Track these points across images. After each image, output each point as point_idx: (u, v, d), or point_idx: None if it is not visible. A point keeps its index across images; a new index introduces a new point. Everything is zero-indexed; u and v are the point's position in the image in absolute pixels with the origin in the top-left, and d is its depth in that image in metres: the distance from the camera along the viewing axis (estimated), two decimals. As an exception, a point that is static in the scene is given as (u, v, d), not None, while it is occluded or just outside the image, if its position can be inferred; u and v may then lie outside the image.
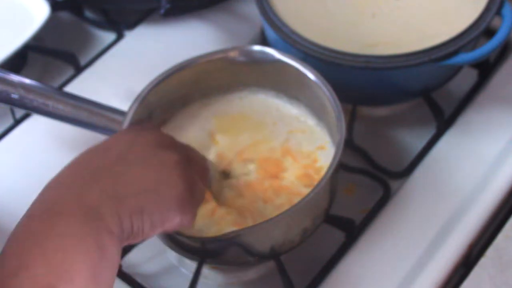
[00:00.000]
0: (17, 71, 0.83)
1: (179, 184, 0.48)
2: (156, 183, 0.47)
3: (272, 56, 0.66)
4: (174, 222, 0.48)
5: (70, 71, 0.82)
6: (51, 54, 0.84)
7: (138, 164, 0.47)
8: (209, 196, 0.60)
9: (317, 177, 0.63)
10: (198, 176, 0.52)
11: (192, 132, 0.68)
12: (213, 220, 0.60)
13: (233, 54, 0.67)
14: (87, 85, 0.79)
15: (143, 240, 0.48)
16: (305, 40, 0.68)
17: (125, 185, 0.46)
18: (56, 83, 0.81)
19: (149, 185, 0.47)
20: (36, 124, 0.76)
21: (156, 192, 0.47)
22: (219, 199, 0.61)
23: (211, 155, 0.65)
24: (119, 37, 0.86)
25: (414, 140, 0.73)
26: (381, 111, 0.77)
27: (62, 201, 0.44)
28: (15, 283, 0.39)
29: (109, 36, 0.86)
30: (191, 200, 0.49)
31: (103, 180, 0.45)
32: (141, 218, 0.45)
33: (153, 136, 0.51)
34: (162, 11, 0.83)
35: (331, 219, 0.64)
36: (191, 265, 0.64)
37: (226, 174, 0.64)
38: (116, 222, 0.44)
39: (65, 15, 0.89)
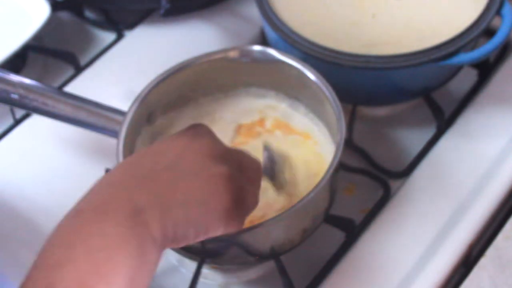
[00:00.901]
0: (17, 71, 0.83)
1: (226, 197, 0.48)
2: (204, 195, 0.47)
3: (272, 56, 0.66)
4: (218, 231, 0.49)
5: (70, 71, 0.82)
6: (51, 54, 0.84)
7: (188, 174, 0.47)
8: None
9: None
10: (250, 183, 0.52)
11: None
12: None
13: (233, 54, 0.67)
14: (87, 85, 0.79)
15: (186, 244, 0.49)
16: (305, 40, 0.68)
17: (173, 193, 0.46)
18: (56, 83, 0.81)
19: (197, 197, 0.46)
20: (36, 124, 0.76)
21: (203, 204, 0.47)
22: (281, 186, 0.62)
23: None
24: (119, 37, 0.86)
25: (414, 140, 0.73)
26: (381, 111, 0.77)
27: (111, 201, 0.44)
28: (58, 275, 0.40)
29: (109, 36, 0.86)
30: (239, 210, 0.49)
31: (152, 185, 0.46)
32: (186, 228, 0.46)
33: (206, 145, 0.50)
34: (162, 11, 0.83)
35: (331, 219, 0.64)
36: (191, 265, 0.64)
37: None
38: (160, 229, 0.44)
39: (65, 15, 0.89)
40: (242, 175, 0.50)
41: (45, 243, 0.43)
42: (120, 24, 0.87)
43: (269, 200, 0.62)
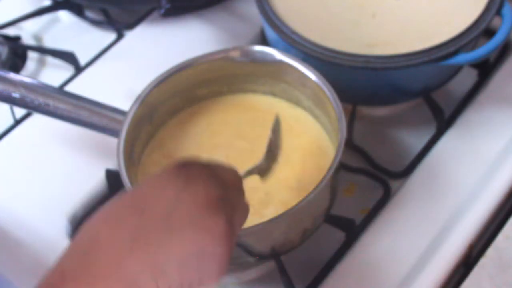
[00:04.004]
0: (16, 70, 0.83)
1: (224, 257, 0.44)
2: (201, 254, 0.43)
3: (272, 56, 0.66)
4: (211, 283, 0.46)
5: (70, 71, 0.82)
6: (51, 54, 0.84)
7: (182, 229, 0.43)
8: None
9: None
10: (240, 221, 0.49)
11: (193, 131, 0.68)
12: None
13: (234, 54, 0.67)
14: (87, 85, 0.79)
15: None
16: (305, 40, 0.68)
17: (167, 253, 0.42)
18: (56, 83, 0.81)
19: (194, 256, 0.43)
20: (37, 124, 0.76)
21: (199, 264, 0.43)
22: None
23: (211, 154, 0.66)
24: (119, 37, 0.86)
25: (414, 140, 0.73)
26: (381, 111, 0.77)
27: (100, 266, 0.41)
28: None
29: (109, 36, 0.86)
30: (233, 239, 0.46)
31: (144, 247, 0.42)
32: (180, 285, 0.43)
33: (201, 192, 0.45)
34: (162, 11, 0.83)
35: (331, 219, 0.64)
36: (191, 265, 0.64)
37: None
38: None
39: (65, 15, 0.89)
40: (236, 214, 0.47)
41: None
42: (120, 24, 0.87)
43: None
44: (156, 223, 0.43)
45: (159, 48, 0.83)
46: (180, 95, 0.68)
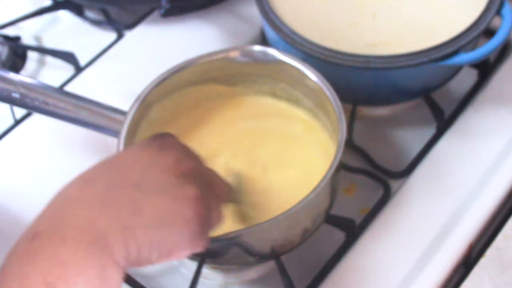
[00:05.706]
0: (16, 70, 0.83)
1: (194, 221, 0.45)
2: (170, 217, 0.44)
3: (272, 56, 0.66)
4: (182, 253, 0.47)
5: (70, 71, 0.82)
6: (51, 54, 0.84)
7: (153, 193, 0.44)
8: None
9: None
10: (216, 199, 0.50)
11: (192, 131, 0.68)
12: None
13: (234, 54, 0.67)
14: (87, 85, 0.79)
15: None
16: (305, 40, 0.68)
17: (137, 214, 0.43)
18: (56, 83, 0.81)
19: (163, 219, 0.44)
20: (36, 124, 0.76)
21: (169, 227, 0.44)
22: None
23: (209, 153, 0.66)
24: (119, 37, 0.86)
25: (414, 140, 0.73)
26: (381, 111, 0.77)
27: (70, 223, 0.42)
28: None
29: (109, 36, 0.86)
30: (204, 230, 0.47)
31: (114, 206, 0.43)
32: (149, 250, 0.44)
33: (174, 160, 0.47)
34: (162, 11, 0.83)
35: (331, 219, 0.64)
36: (191, 265, 0.64)
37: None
38: (122, 253, 0.42)
39: (65, 15, 0.89)
40: (210, 191, 0.48)
41: (0, 271, 0.41)
42: (120, 24, 0.87)
43: None
44: (128, 184, 0.44)
45: (159, 48, 0.83)
46: (179, 95, 0.68)
